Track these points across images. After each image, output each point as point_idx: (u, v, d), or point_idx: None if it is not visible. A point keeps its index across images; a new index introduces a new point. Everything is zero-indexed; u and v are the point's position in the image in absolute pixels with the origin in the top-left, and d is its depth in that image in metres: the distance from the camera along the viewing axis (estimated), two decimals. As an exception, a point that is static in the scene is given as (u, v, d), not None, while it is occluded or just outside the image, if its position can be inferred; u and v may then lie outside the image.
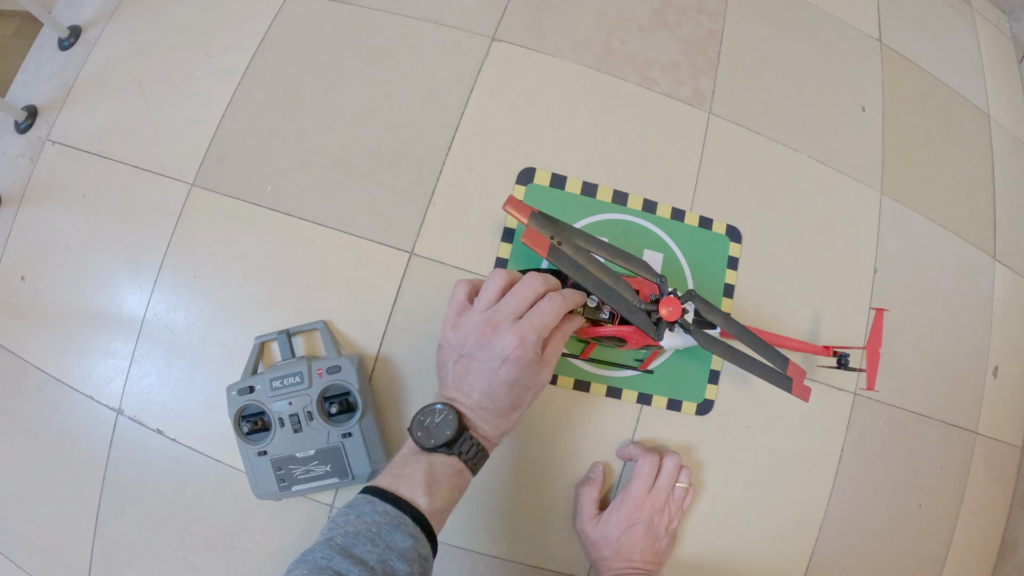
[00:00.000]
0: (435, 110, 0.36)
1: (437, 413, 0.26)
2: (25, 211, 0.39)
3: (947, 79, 0.49)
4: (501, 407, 0.26)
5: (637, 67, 0.38)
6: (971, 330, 0.45)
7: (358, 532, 0.22)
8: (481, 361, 0.25)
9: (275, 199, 0.35)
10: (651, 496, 0.32)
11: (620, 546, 0.31)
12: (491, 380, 0.25)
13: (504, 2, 0.38)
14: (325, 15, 0.38)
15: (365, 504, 0.24)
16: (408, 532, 0.23)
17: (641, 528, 0.31)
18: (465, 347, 0.26)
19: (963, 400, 0.44)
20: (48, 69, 0.43)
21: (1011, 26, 0.59)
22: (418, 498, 0.24)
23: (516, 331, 0.25)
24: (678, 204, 0.36)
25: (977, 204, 0.48)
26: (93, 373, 0.36)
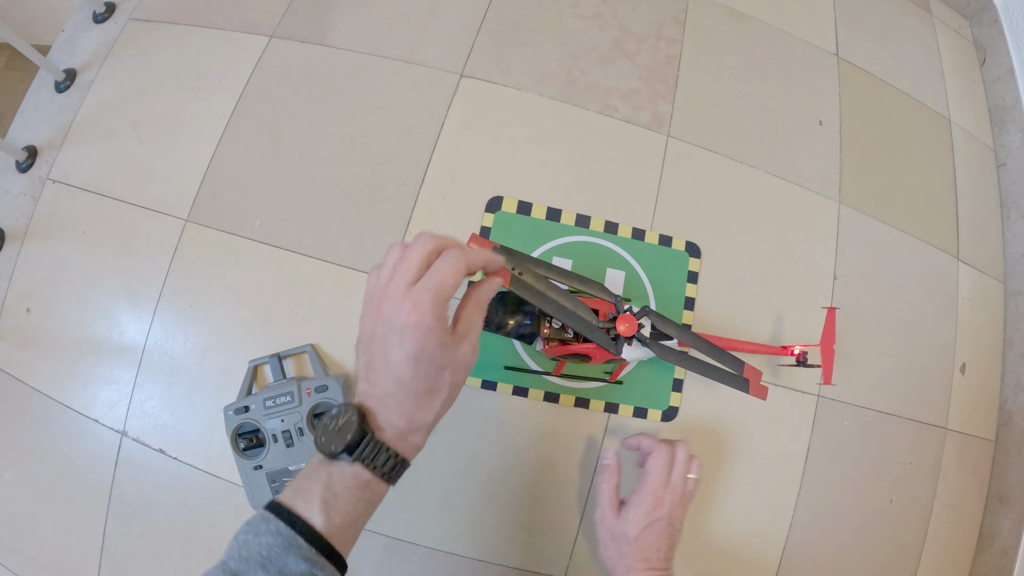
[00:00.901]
0: (409, 145, 0.41)
1: (340, 414, 0.23)
2: (29, 246, 0.44)
3: (906, 87, 0.54)
4: (412, 391, 0.23)
5: (597, 96, 0.43)
6: (936, 330, 0.50)
7: (250, 556, 0.21)
8: (380, 339, 0.23)
9: (264, 232, 0.40)
10: (669, 490, 0.32)
11: (639, 545, 0.31)
12: (393, 358, 0.23)
13: (471, 40, 0.43)
14: (304, 58, 0.44)
15: (261, 522, 0.22)
16: (302, 555, 0.21)
17: (661, 525, 0.31)
18: (365, 331, 0.24)
19: (931, 398, 0.49)
20: (46, 111, 0.48)
21: (972, 30, 0.64)
22: (313, 516, 0.22)
23: (409, 296, 0.22)
24: (638, 224, 0.41)
25: (939, 207, 0.53)
26: (98, 398, 0.41)
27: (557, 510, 0.38)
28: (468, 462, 0.38)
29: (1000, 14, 0.61)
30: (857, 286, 0.46)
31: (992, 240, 0.55)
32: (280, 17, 0.45)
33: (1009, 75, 0.59)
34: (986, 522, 0.50)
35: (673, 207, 0.42)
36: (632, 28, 0.46)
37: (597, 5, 0.46)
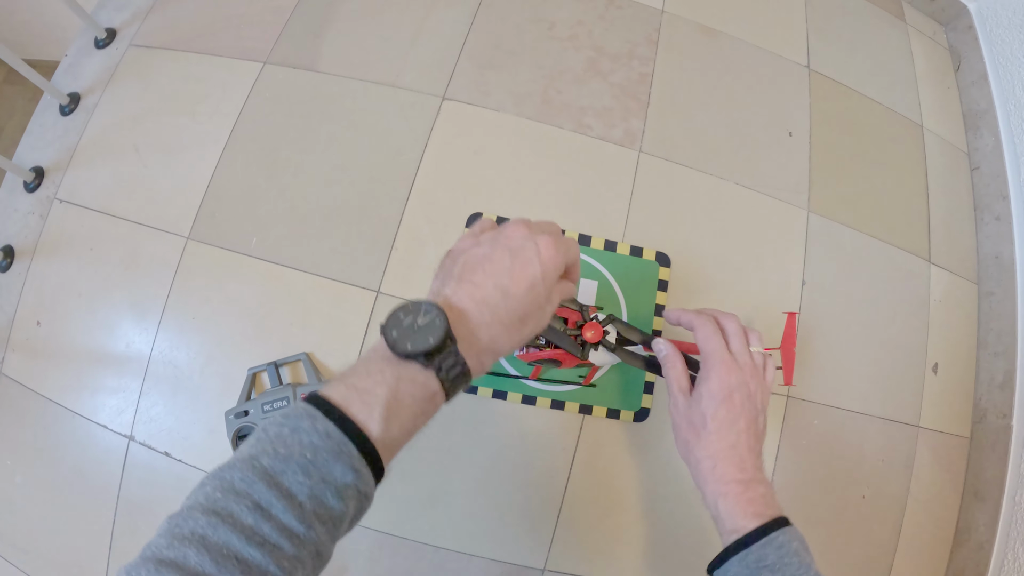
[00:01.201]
0: (394, 165, 0.44)
1: (422, 312, 0.21)
2: (38, 263, 0.48)
3: (878, 96, 0.57)
4: (511, 310, 0.22)
5: (572, 114, 0.46)
6: (908, 331, 0.53)
7: (289, 455, 0.19)
8: (509, 249, 0.23)
9: (260, 249, 0.44)
10: (736, 358, 0.29)
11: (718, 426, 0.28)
12: (515, 269, 0.22)
13: (452, 64, 0.47)
14: (297, 83, 0.47)
15: (304, 418, 0.19)
16: (350, 464, 0.19)
17: (740, 397, 0.29)
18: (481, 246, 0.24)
19: (903, 397, 0.52)
20: (52, 134, 0.52)
21: (947, 36, 0.67)
22: (371, 423, 0.20)
23: (555, 238, 0.24)
24: (610, 236, 0.44)
25: (910, 212, 0.56)
26: (106, 405, 0.44)
27: (536, 505, 0.42)
28: (453, 461, 0.41)
29: (975, 20, 0.64)
30: (826, 291, 0.49)
31: (965, 243, 0.58)
32: (273, 44, 0.49)
33: (983, 80, 0.62)
34: (962, 517, 0.53)
35: (644, 219, 0.45)
36: (606, 48, 0.49)
37: (572, 27, 0.50)
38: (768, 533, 0.27)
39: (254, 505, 0.18)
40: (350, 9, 0.50)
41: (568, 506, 0.42)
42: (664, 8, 0.53)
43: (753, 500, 0.29)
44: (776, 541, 0.27)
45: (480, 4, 0.50)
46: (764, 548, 0.27)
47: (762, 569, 0.26)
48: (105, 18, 0.55)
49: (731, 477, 0.29)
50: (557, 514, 0.42)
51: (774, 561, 0.26)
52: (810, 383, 0.47)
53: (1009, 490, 0.51)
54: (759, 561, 0.27)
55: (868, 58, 0.59)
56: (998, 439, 0.52)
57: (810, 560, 0.27)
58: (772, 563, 0.26)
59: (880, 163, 0.56)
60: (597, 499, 0.42)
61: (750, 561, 0.27)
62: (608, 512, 0.42)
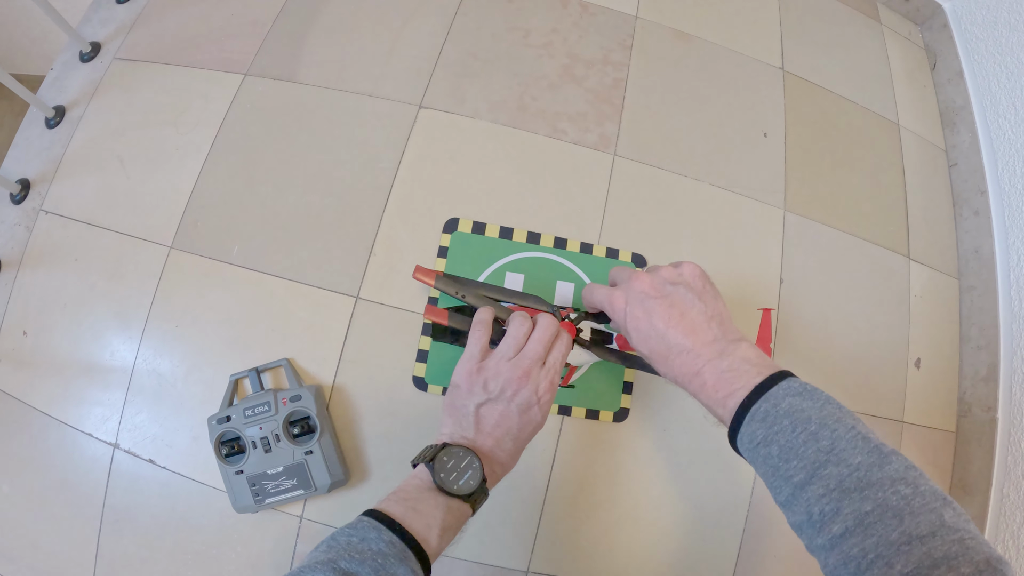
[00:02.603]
0: (372, 173, 0.46)
1: (462, 458, 0.28)
2: (24, 273, 0.50)
3: (853, 96, 0.60)
4: (518, 447, 0.30)
5: (547, 120, 0.48)
6: (888, 327, 0.54)
7: (363, 559, 0.23)
8: (515, 406, 0.29)
9: (241, 257, 0.46)
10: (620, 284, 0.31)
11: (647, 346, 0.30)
12: (521, 422, 0.29)
13: (429, 72, 0.49)
14: (276, 94, 0.50)
15: (371, 530, 0.25)
16: (411, 568, 0.24)
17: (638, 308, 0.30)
18: (494, 392, 0.30)
19: (885, 392, 0.53)
20: (37, 146, 0.54)
21: (923, 36, 0.69)
22: (431, 538, 0.25)
23: (547, 376, 0.30)
24: (586, 239, 0.46)
25: (889, 209, 0.58)
26: (91, 414, 0.46)
27: (518, 507, 0.43)
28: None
29: (949, 19, 0.67)
30: (804, 289, 0.51)
31: (945, 238, 0.60)
32: (253, 56, 0.51)
33: (959, 77, 0.64)
34: (950, 513, 0.54)
35: (619, 221, 0.47)
36: (580, 55, 0.52)
37: (547, 34, 0.52)
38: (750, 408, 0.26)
39: None
40: (329, 21, 0.53)
41: (550, 507, 0.43)
42: (638, 14, 0.55)
43: (718, 382, 0.27)
44: (759, 413, 0.25)
45: (456, 13, 0.52)
46: (750, 426, 0.26)
47: (758, 447, 0.25)
48: (90, 32, 0.57)
49: (689, 372, 0.28)
50: (539, 516, 0.43)
51: (764, 434, 0.25)
52: (789, 380, 0.49)
53: (996, 483, 0.52)
54: (751, 440, 0.26)
55: (843, 59, 0.61)
56: (984, 433, 0.54)
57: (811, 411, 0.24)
58: (763, 437, 0.25)
59: (857, 162, 0.58)
60: (579, 500, 0.44)
61: (746, 444, 0.26)
62: (590, 512, 0.44)
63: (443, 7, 0.53)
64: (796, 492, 0.24)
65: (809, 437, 0.24)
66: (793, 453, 0.24)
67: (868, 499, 0.22)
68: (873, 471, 0.22)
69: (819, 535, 0.23)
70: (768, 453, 0.25)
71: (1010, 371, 0.54)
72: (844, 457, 0.23)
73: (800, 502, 0.24)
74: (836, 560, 0.22)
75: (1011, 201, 0.57)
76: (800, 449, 0.24)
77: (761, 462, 0.25)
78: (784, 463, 0.24)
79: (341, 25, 0.52)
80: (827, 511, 0.23)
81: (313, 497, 0.41)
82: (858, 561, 0.21)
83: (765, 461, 0.25)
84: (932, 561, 0.20)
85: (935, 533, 0.20)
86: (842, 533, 0.22)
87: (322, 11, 0.53)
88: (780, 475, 0.24)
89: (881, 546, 0.21)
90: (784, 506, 0.25)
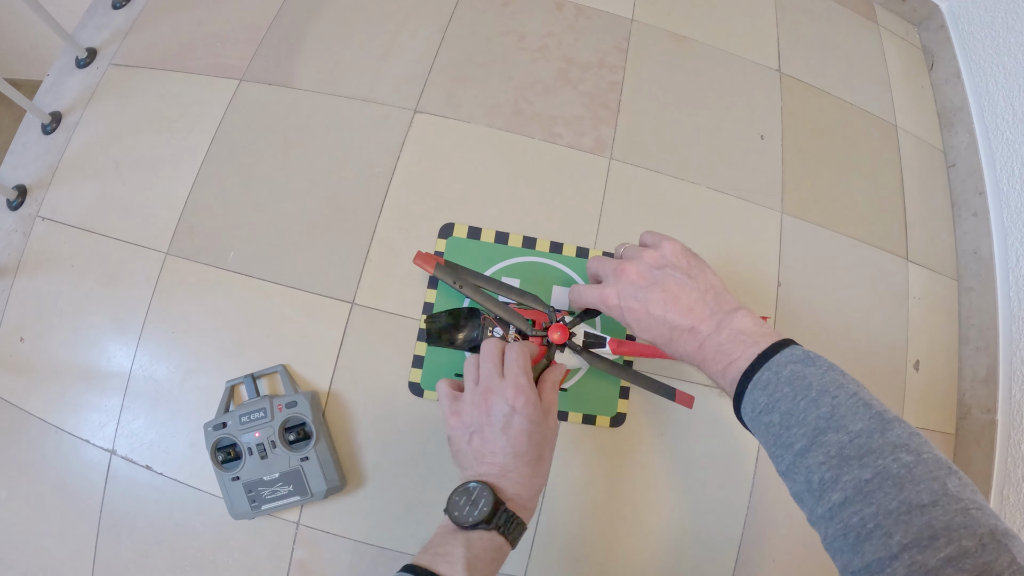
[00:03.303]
0: (368, 178, 0.47)
1: (472, 491, 0.28)
2: (21, 279, 0.50)
3: (850, 97, 0.60)
4: (528, 461, 0.29)
5: (542, 124, 0.49)
6: (887, 329, 0.54)
7: None
8: (493, 424, 0.29)
9: (237, 263, 0.46)
10: (607, 278, 0.31)
11: (642, 327, 0.30)
12: (509, 436, 0.29)
13: (424, 77, 0.49)
14: (272, 99, 0.50)
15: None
16: None
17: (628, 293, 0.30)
18: (472, 424, 0.30)
19: (885, 395, 0.53)
20: (34, 152, 0.55)
21: (920, 36, 0.69)
22: (456, 574, 0.25)
23: (508, 383, 0.30)
24: (582, 243, 0.46)
25: (886, 211, 0.58)
26: (88, 420, 0.46)
27: (515, 511, 0.43)
28: (429, 470, 0.43)
29: (947, 19, 0.67)
30: (802, 292, 0.51)
31: (944, 240, 0.60)
32: (248, 61, 0.51)
33: (956, 78, 0.64)
34: (951, 515, 0.54)
35: (616, 226, 0.48)
36: (576, 58, 0.52)
37: (543, 38, 0.52)
38: (752, 376, 0.26)
39: None
40: (324, 26, 0.53)
41: (546, 513, 0.43)
42: (634, 16, 0.55)
43: (717, 355, 0.27)
44: (760, 381, 0.25)
45: (451, 18, 0.52)
46: (752, 394, 0.26)
47: (760, 415, 0.25)
48: (86, 38, 0.57)
49: (691, 351, 0.29)
50: (536, 521, 0.43)
51: (765, 402, 0.25)
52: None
53: (996, 484, 0.52)
54: (754, 409, 0.26)
55: (840, 60, 0.61)
56: (983, 434, 0.54)
57: (812, 378, 0.24)
58: (765, 405, 0.25)
59: (854, 163, 0.58)
60: (575, 506, 0.44)
61: (748, 413, 0.26)
62: (586, 518, 0.44)
63: (438, 11, 0.53)
64: (796, 460, 0.23)
65: (810, 404, 0.23)
66: (794, 420, 0.23)
67: (868, 466, 0.21)
68: (874, 437, 0.22)
69: (819, 504, 0.22)
70: (770, 421, 0.24)
71: (1009, 372, 0.54)
72: (844, 423, 0.22)
73: (800, 470, 0.23)
74: (835, 531, 0.22)
75: (1010, 202, 0.57)
76: (801, 416, 0.23)
77: (763, 431, 0.25)
78: (785, 431, 0.24)
79: (336, 30, 0.53)
80: (826, 479, 0.22)
81: (309, 503, 0.41)
82: (857, 531, 0.21)
83: (767, 429, 0.25)
84: (933, 532, 0.19)
85: (936, 502, 0.20)
86: (841, 502, 0.21)
87: (317, 16, 0.53)
88: (781, 443, 0.24)
89: (880, 515, 0.20)
90: (785, 475, 0.25)
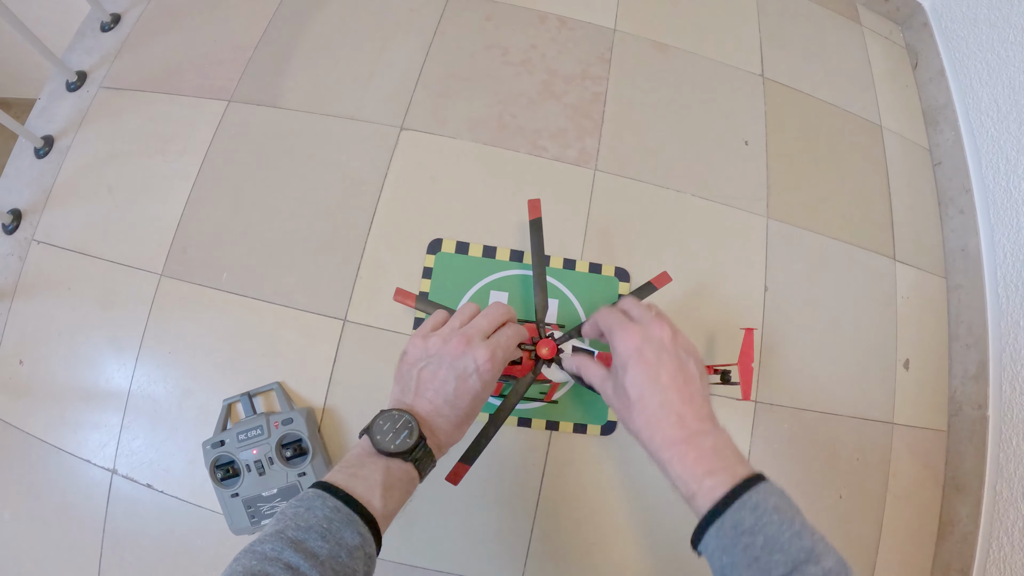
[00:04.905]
0: (356, 197, 0.47)
1: (397, 419, 0.29)
2: (18, 303, 0.51)
3: (834, 100, 0.60)
4: (459, 416, 0.30)
5: (527, 138, 0.49)
6: (876, 329, 0.55)
7: (309, 526, 0.24)
8: (453, 369, 0.29)
9: (231, 283, 0.47)
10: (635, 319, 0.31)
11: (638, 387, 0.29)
12: (458, 388, 0.29)
13: (410, 94, 0.50)
14: (259, 120, 0.50)
15: (316, 499, 0.26)
16: (357, 530, 0.25)
17: (649, 351, 0.29)
18: (434, 357, 0.30)
19: (875, 395, 0.54)
20: (27, 176, 0.55)
21: (904, 35, 0.70)
22: (374, 500, 0.26)
23: (488, 347, 0.30)
24: (569, 255, 0.47)
25: (872, 211, 0.58)
26: (89, 440, 0.47)
27: (509, 521, 0.44)
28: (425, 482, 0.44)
29: (930, 17, 0.67)
30: (789, 295, 0.52)
31: (931, 238, 0.60)
32: (236, 82, 0.52)
33: (940, 76, 0.65)
34: (944, 510, 0.55)
35: (602, 236, 0.48)
36: (559, 70, 0.52)
37: (526, 51, 0.53)
38: (740, 495, 0.26)
39: (286, 566, 0.23)
40: (310, 45, 0.54)
41: (541, 521, 0.44)
42: (616, 27, 0.56)
43: (701, 456, 0.27)
44: (750, 502, 0.26)
45: (435, 34, 0.53)
46: (739, 512, 0.26)
47: (741, 535, 0.25)
48: (75, 61, 0.58)
49: (671, 438, 0.28)
50: (530, 529, 0.44)
51: (752, 523, 0.25)
52: (777, 387, 0.50)
53: (990, 480, 0.53)
54: (736, 527, 0.25)
55: (823, 63, 0.62)
56: (975, 430, 0.54)
57: (793, 513, 0.26)
58: (750, 526, 0.25)
59: (839, 165, 0.58)
60: (569, 513, 0.44)
61: (727, 528, 0.26)
62: (580, 525, 0.44)
63: (422, 29, 0.53)
64: None
65: (794, 536, 0.25)
66: (778, 547, 0.24)
67: None
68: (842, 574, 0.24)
69: None
70: (752, 543, 0.25)
71: (1000, 368, 0.54)
72: (820, 560, 0.24)
73: None
74: None
75: (996, 198, 0.58)
76: (785, 545, 0.24)
77: (741, 550, 0.25)
78: (767, 555, 0.25)
79: (322, 49, 0.53)
80: None
81: (307, 518, 0.42)
82: None
83: (745, 550, 0.25)
84: None
85: None
86: None
87: (303, 35, 0.54)
88: (760, 566, 0.25)
89: None
90: None
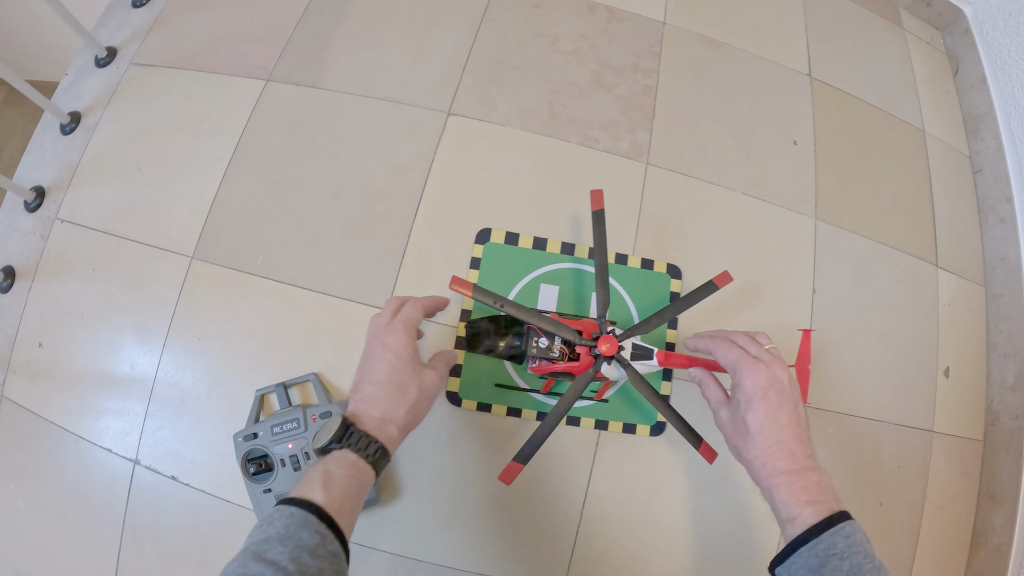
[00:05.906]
0: (401, 182, 0.45)
1: (326, 421, 0.32)
2: (39, 283, 0.48)
3: (879, 102, 0.59)
4: (387, 388, 0.32)
5: (578, 128, 0.47)
6: (918, 336, 0.53)
7: (268, 537, 0.25)
8: (368, 358, 0.33)
9: (266, 268, 0.44)
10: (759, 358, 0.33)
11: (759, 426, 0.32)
12: (374, 364, 0.32)
13: (457, 79, 0.48)
14: (299, 100, 0.48)
15: (275, 513, 0.27)
16: (314, 529, 0.26)
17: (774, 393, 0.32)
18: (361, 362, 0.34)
19: (916, 402, 0.52)
20: (52, 152, 0.53)
21: (945, 41, 0.68)
22: (315, 495, 0.27)
23: (391, 325, 0.34)
24: (621, 249, 0.45)
25: (916, 217, 0.57)
26: (110, 428, 0.44)
27: (554, 522, 0.42)
28: (468, 481, 0.42)
29: (971, 24, 0.66)
30: (836, 298, 0.50)
31: (971, 246, 0.59)
32: (275, 61, 0.50)
33: (982, 83, 0.64)
34: (979, 520, 0.54)
35: (654, 231, 0.46)
36: (609, 61, 0.51)
37: (575, 40, 0.51)
38: (834, 524, 0.29)
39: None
40: (352, 25, 0.51)
41: (587, 523, 0.42)
42: (665, 20, 0.54)
43: (807, 487, 0.30)
44: (844, 531, 0.29)
45: (482, 20, 0.51)
46: (833, 536, 0.28)
47: (831, 557, 0.28)
48: (105, 37, 0.55)
49: (782, 469, 0.31)
50: (576, 531, 0.42)
51: (843, 549, 0.28)
52: (824, 392, 0.48)
53: (1024, 493, 0.51)
54: (828, 549, 0.28)
55: (868, 65, 0.61)
56: (1011, 441, 0.53)
57: (872, 550, 0.29)
58: (841, 551, 0.28)
59: (884, 169, 0.57)
60: (616, 515, 0.43)
61: (819, 550, 0.28)
62: (628, 528, 0.43)
63: (469, 13, 0.51)
64: None
65: (874, 569, 0.28)
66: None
67: None
68: None
69: None
70: (839, 566, 0.28)
71: (1038, 379, 0.53)
72: None
73: None
74: None
75: (1037, 208, 0.56)
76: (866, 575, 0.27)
77: (828, 572, 0.28)
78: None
79: (365, 30, 0.51)
80: None
81: (343, 516, 0.40)
82: None
83: (832, 573, 0.28)
84: None
85: None
86: None
87: (345, 15, 0.52)
88: None
89: None
90: None
